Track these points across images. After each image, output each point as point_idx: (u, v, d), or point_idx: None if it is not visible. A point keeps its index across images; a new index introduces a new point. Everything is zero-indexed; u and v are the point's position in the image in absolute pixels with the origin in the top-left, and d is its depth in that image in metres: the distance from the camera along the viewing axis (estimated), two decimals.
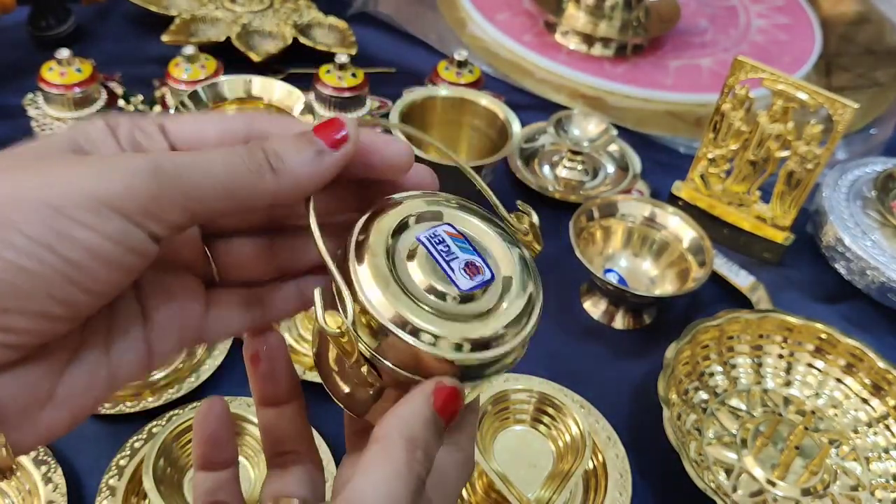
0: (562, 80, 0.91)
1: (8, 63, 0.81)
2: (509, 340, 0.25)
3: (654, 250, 0.68)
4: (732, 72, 0.67)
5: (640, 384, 0.60)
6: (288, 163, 0.24)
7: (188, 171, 0.23)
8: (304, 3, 0.92)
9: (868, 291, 0.69)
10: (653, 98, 0.90)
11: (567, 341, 0.64)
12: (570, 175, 0.77)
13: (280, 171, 0.24)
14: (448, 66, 0.80)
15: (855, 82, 0.96)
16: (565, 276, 0.67)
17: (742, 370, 0.61)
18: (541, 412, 0.54)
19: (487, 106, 0.71)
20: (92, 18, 0.88)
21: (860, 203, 0.73)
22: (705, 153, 0.71)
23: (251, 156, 0.24)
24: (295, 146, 0.24)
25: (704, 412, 0.58)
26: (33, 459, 0.48)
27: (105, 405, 0.52)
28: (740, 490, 0.53)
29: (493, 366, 0.26)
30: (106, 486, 0.48)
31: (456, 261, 0.26)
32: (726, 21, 1.03)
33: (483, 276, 0.26)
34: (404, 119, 0.68)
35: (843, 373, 0.60)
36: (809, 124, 0.65)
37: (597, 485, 0.52)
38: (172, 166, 0.23)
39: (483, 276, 0.26)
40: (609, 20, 0.93)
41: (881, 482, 0.55)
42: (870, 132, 0.88)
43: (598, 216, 0.67)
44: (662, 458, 0.52)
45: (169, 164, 0.23)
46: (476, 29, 0.97)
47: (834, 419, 0.59)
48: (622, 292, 0.62)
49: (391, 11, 0.95)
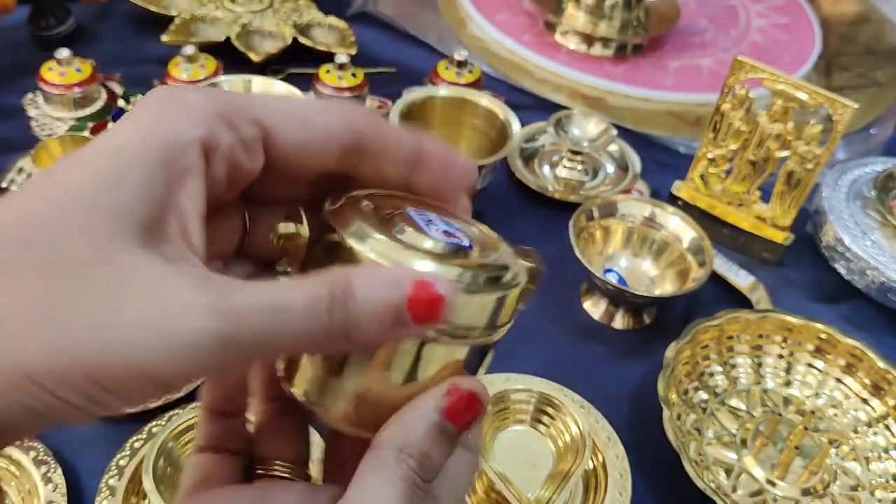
0: (562, 80, 0.91)
1: (8, 63, 0.81)
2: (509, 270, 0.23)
3: (653, 250, 0.68)
4: (732, 72, 0.67)
5: (640, 384, 0.60)
6: (363, 332, 0.20)
7: (262, 338, 0.19)
8: (304, 3, 0.92)
9: (868, 291, 0.69)
10: (653, 98, 0.90)
11: (567, 341, 0.64)
12: (569, 175, 0.77)
13: (352, 340, 0.21)
14: (448, 66, 0.80)
15: (855, 82, 0.96)
16: (565, 276, 0.67)
17: (742, 370, 0.61)
18: (540, 412, 0.54)
19: (487, 106, 0.71)
20: (92, 18, 0.88)
21: (860, 203, 0.73)
22: (705, 153, 0.71)
23: (331, 317, 0.20)
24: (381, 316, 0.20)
25: (704, 412, 0.58)
26: (33, 459, 0.48)
27: None
28: (740, 490, 0.54)
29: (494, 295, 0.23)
30: (106, 486, 0.48)
31: (434, 226, 0.24)
32: (726, 21, 1.03)
33: (460, 241, 0.24)
34: (404, 119, 0.68)
35: (843, 373, 0.60)
36: (809, 124, 0.65)
37: (597, 485, 0.52)
38: (244, 338, 0.19)
39: (461, 241, 0.24)
40: (609, 20, 0.93)
41: (881, 482, 0.55)
42: (869, 132, 0.88)
43: (597, 216, 0.67)
44: (662, 458, 0.52)
45: (240, 336, 0.19)
46: (476, 29, 0.97)
47: (834, 419, 0.59)
48: (622, 292, 0.62)
49: (391, 11, 0.95)
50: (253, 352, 0.20)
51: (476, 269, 0.23)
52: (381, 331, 0.21)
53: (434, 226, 0.24)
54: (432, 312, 0.21)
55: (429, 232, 0.24)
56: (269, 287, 0.20)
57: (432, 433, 0.23)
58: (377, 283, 0.21)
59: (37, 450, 0.49)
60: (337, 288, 0.20)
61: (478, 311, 0.23)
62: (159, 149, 0.20)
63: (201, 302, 0.19)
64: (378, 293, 0.20)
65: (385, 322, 0.20)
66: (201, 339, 0.18)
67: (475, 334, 0.23)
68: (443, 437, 0.23)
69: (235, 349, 0.19)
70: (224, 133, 0.22)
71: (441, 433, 0.23)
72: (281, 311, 0.19)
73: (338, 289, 0.20)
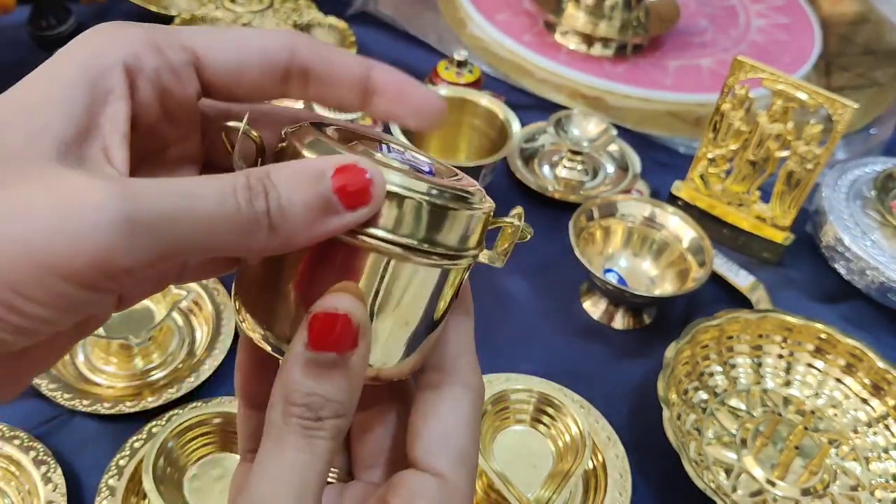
0: (562, 79, 0.91)
1: (8, 63, 0.81)
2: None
3: (653, 250, 0.68)
4: (732, 72, 0.67)
5: (640, 384, 0.60)
6: (290, 222, 0.20)
7: (168, 222, 0.18)
8: (304, 3, 0.92)
9: (868, 291, 0.69)
10: (653, 98, 0.90)
11: (567, 341, 0.64)
12: (569, 175, 0.77)
13: (277, 230, 0.20)
14: (448, 66, 0.80)
15: (854, 82, 0.96)
16: (565, 276, 0.67)
17: (742, 370, 0.61)
18: (541, 412, 0.54)
19: (487, 106, 0.71)
20: (92, 18, 0.88)
21: (860, 203, 0.73)
22: (705, 153, 0.71)
23: (250, 205, 0.19)
24: (305, 201, 0.20)
25: (704, 412, 0.58)
26: (33, 459, 0.48)
27: (104, 405, 0.52)
28: (740, 490, 0.54)
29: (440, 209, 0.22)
30: (106, 486, 0.48)
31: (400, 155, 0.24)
32: (726, 21, 1.03)
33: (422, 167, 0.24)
34: None
35: (843, 373, 0.60)
36: (809, 124, 0.65)
37: (597, 485, 0.52)
38: (149, 216, 0.18)
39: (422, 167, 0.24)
40: (609, 20, 0.93)
41: (881, 482, 0.55)
42: (869, 132, 0.88)
43: (597, 216, 0.67)
44: (662, 458, 0.52)
45: (145, 214, 0.18)
46: (476, 29, 0.97)
47: (834, 419, 0.59)
48: (622, 292, 0.62)
49: (391, 11, 0.95)
50: (163, 238, 0.18)
51: (439, 185, 0.22)
52: (309, 219, 0.20)
53: (400, 155, 0.24)
54: (362, 195, 0.20)
55: (392, 156, 0.23)
56: (184, 178, 0.19)
57: (307, 371, 0.21)
58: (301, 171, 0.20)
59: (37, 450, 0.49)
60: (254, 176, 0.20)
61: (440, 225, 0.22)
62: (81, 72, 0.21)
63: (103, 186, 0.18)
64: (302, 180, 0.20)
65: (313, 208, 0.20)
66: (103, 220, 0.17)
67: (439, 252, 0.22)
68: (321, 370, 0.21)
69: (143, 232, 0.18)
70: (149, 58, 0.22)
71: (317, 366, 0.21)
72: (191, 196, 0.19)
73: (255, 177, 0.20)
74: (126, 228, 0.18)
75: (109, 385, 0.55)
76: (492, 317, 0.63)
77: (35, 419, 0.52)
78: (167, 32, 0.23)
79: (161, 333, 0.57)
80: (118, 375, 0.56)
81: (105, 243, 0.17)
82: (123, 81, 0.21)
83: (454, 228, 0.23)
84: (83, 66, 0.21)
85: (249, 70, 0.24)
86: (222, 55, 0.23)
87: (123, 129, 0.21)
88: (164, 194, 0.18)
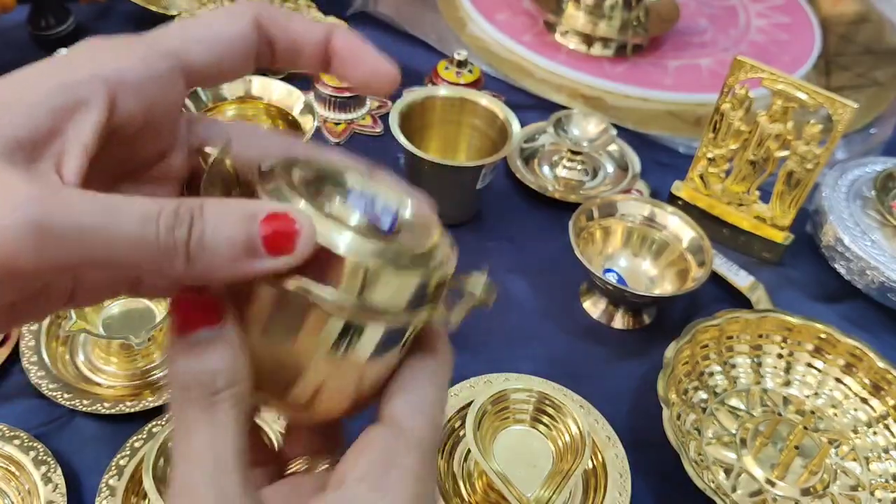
0: (561, 79, 0.91)
1: (8, 63, 0.80)
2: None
3: (653, 250, 0.68)
4: (732, 71, 0.67)
5: (640, 384, 0.60)
6: (209, 254, 0.20)
7: (80, 234, 0.18)
8: (304, 2, 0.92)
9: (868, 291, 0.69)
10: (652, 98, 0.90)
11: (566, 341, 0.64)
12: (569, 175, 0.77)
13: (194, 262, 0.20)
14: (448, 66, 0.80)
15: (854, 82, 0.96)
16: (565, 276, 0.67)
17: (741, 370, 0.61)
18: (540, 412, 0.54)
19: (487, 106, 0.71)
20: (92, 18, 0.88)
21: (860, 203, 0.73)
22: (705, 153, 0.71)
23: (170, 232, 0.19)
24: (229, 237, 0.20)
25: (704, 412, 0.58)
26: (33, 459, 0.49)
27: (105, 405, 0.52)
28: (740, 490, 0.54)
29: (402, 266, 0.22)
30: (106, 485, 0.48)
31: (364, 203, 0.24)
32: (726, 21, 1.03)
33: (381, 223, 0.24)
34: (404, 119, 0.68)
35: (843, 372, 0.60)
36: (809, 124, 0.65)
37: (596, 484, 0.52)
38: (62, 225, 0.18)
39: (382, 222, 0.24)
40: (609, 20, 0.93)
41: (881, 482, 0.55)
42: (869, 132, 0.88)
43: (597, 216, 0.67)
44: (662, 458, 0.52)
45: (59, 221, 0.18)
46: (476, 29, 0.97)
47: (833, 419, 0.59)
48: (622, 292, 0.62)
49: (391, 11, 0.95)
50: (75, 249, 0.18)
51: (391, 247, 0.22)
52: (230, 257, 0.20)
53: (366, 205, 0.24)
54: (286, 242, 0.20)
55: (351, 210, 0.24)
56: (116, 195, 0.19)
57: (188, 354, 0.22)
58: (232, 210, 0.21)
59: (37, 450, 0.49)
60: (184, 208, 0.20)
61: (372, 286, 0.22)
62: (56, 80, 0.21)
63: (23, 189, 0.18)
64: (232, 218, 0.20)
65: (236, 247, 0.20)
66: (14, 218, 0.18)
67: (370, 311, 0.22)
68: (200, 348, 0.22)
69: (52, 238, 0.18)
70: (135, 69, 0.22)
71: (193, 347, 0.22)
72: (114, 212, 0.19)
73: (186, 206, 0.20)
74: (34, 232, 0.18)
75: (109, 385, 0.55)
76: (491, 317, 0.63)
77: (35, 419, 0.52)
78: (150, 41, 0.23)
79: (161, 333, 0.57)
80: (118, 375, 0.56)
81: (11, 244, 0.18)
82: (102, 93, 0.21)
83: (386, 291, 0.22)
84: (60, 74, 0.21)
85: (229, 60, 0.24)
86: (202, 55, 0.24)
87: (87, 140, 0.21)
88: (87, 206, 0.19)
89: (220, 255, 0.20)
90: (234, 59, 0.24)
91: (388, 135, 0.67)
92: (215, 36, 0.24)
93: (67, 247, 0.18)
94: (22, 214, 0.18)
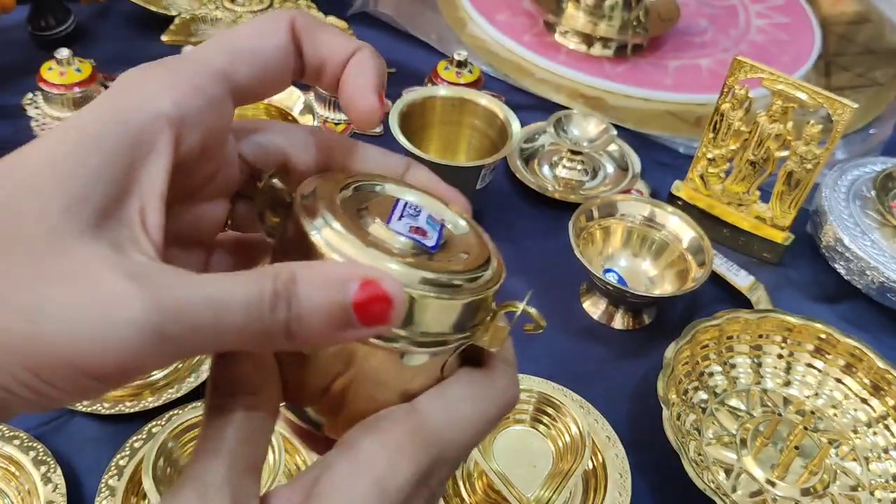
0: (561, 80, 0.91)
1: (8, 63, 0.81)
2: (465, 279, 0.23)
3: (653, 250, 0.68)
4: (732, 72, 0.67)
5: (640, 384, 0.60)
6: (307, 330, 0.20)
7: (195, 332, 0.19)
8: (304, 3, 0.92)
9: (867, 291, 0.69)
10: (653, 98, 0.90)
11: (566, 341, 0.64)
12: (569, 175, 0.77)
13: (294, 338, 0.20)
14: (448, 65, 0.80)
15: (854, 82, 0.96)
16: (565, 276, 0.67)
17: (741, 370, 0.61)
18: (540, 412, 0.54)
19: (487, 106, 0.71)
20: (92, 18, 0.88)
21: (859, 203, 0.73)
22: (705, 153, 0.71)
23: (274, 314, 0.19)
24: (326, 313, 0.20)
25: (704, 412, 0.58)
26: (33, 459, 0.49)
27: (104, 405, 0.52)
28: (740, 490, 0.54)
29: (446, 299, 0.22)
30: (106, 486, 0.48)
31: (409, 219, 0.24)
32: (726, 21, 1.03)
33: (426, 241, 0.24)
34: (404, 119, 0.68)
35: (843, 373, 0.60)
36: (809, 124, 0.65)
37: (596, 485, 0.52)
38: (180, 329, 0.18)
39: (427, 240, 0.24)
40: (609, 20, 0.93)
41: (881, 482, 0.55)
42: (869, 132, 0.88)
43: (597, 216, 0.67)
44: (662, 458, 0.52)
45: (176, 327, 0.18)
46: (476, 29, 0.97)
47: (833, 419, 0.59)
48: (622, 292, 0.62)
49: (391, 11, 0.95)
50: (190, 346, 0.19)
51: (437, 273, 0.22)
52: (326, 331, 0.20)
53: (410, 219, 0.24)
54: (381, 314, 0.20)
55: (398, 228, 0.24)
56: (212, 280, 0.19)
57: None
58: (322, 280, 0.20)
59: (37, 450, 0.49)
60: (280, 284, 0.20)
61: (432, 316, 0.22)
62: (120, 130, 0.20)
63: (137, 294, 0.18)
64: (323, 292, 0.20)
65: (332, 322, 0.20)
66: (134, 332, 0.18)
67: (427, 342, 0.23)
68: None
69: (172, 344, 0.18)
70: (193, 100, 0.22)
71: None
72: (220, 307, 0.19)
73: (281, 285, 0.20)
74: (156, 340, 0.18)
75: None
76: None
77: (35, 419, 0.52)
78: (198, 62, 0.23)
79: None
80: None
81: (135, 352, 0.18)
82: (167, 134, 0.21)
83: (433, 316, 0.23)
84: (123, 123, 0.20)
85: (271, 76, 0.24)
86: (247, 72, 0.24)
87: (161, 188, 0.21)
88: (195, 303, 0.19)
89: (317, 328, 0.20)
90: (276, 74, 0.24)
91: (387, 135, 0.67)
92: (257, 50, 0.24)
93: (183, 345, 0.19)
94: (142, 325, 0.18)
